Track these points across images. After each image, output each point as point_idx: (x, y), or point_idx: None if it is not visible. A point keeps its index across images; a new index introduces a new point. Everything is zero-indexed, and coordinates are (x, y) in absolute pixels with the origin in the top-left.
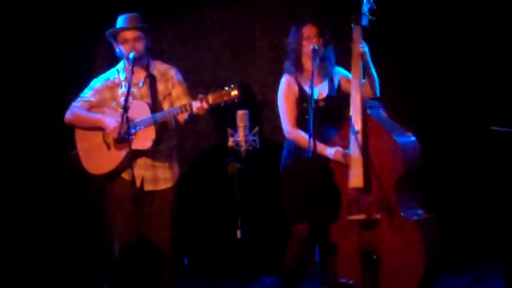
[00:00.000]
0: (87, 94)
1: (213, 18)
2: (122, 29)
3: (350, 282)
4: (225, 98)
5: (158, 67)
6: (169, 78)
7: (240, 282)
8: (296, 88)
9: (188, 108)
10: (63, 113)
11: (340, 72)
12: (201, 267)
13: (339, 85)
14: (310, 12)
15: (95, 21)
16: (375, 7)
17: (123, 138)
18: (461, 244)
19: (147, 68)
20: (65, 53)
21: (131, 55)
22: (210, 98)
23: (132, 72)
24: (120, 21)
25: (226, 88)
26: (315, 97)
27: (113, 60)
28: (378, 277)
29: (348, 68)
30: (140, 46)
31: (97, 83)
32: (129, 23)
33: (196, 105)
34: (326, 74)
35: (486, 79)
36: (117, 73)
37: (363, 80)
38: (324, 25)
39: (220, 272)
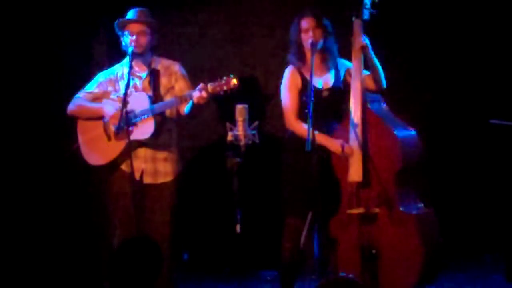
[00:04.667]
0: (91, 86)
1: (213, 13)
2: (130, 21)
3: (350, 276)
4: (225, 87)
5: (162, 62)
6: (173, 72)
7: (240, 277)
8: (299, 78)
9: (188, 98)
10: (63, 109)
11: (345, 64)
12: (201, 262)
13: (344, 78)
14: (309, 5)
15: (94, 18)
16: (376, 0)
17: (123, 128)
18: (461, 238)
19: (150, 62)
20: (64, 49)
21: (130, 49)
22: (210, 87)
23: (131, 66)
24: (130, 14)
25: (225, 77)
26: (320, 87)
27: (113, 56)
28: (378, 271)
29: (350, 61)
30: (144, 40)
31: (101, 76)
32: (137, 16)
33: (195, 94)
34: (330, 66)
35: (485, 73)
36: (121, 67)
37: (367, 73)
38: (323, 16)
39: (220, 267)
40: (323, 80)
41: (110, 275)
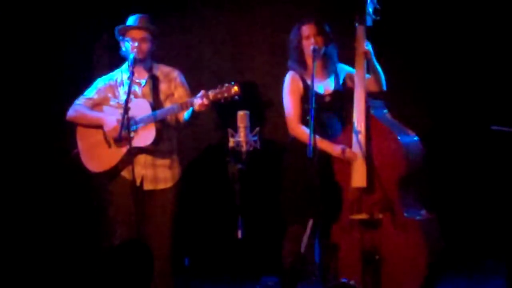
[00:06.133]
0: (90, 92)
1: (213, 18)
2: (132, 27)
3: (351, 282)
4: (226, 94)
5: (162, 69)
6: (172, 79)
7: (241, 282)
8: (300, 84)
9: (189, 105)
10: (64, 113)
11: (345, 69)
12: (202, 268)
13: (344, 82)
14: (310, 11)
15: (95, 22)
16: (379, 7)
17: (124, 135)
18: (463, 244)
19: (150, 69)
20: (65, 53)
21: (131, 56)
22: (211, 94)
23: (132, 73)
24: (131, 20)
25: (226, 85)
26: (321, 93)
27: (114, 61)
28: (380, 277)
29: (352, 67)
30: (145, 46)
31: (100, 82)
32: (139, 23)
33: (197, 101)
34: (331, 71)
35: (486, 79)
36: (121, 73)
37: (368, 76)
38: (324, 23)
39: (221, 273)
40: (324, 86)
41: (102, 274)
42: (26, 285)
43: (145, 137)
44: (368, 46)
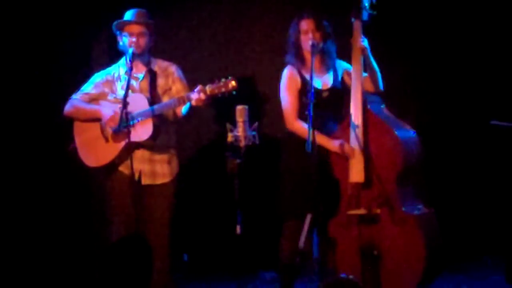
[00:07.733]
0: (87, 87)
1: (211, 13)
2: (129, 22)
3: (350, 277)
4: (223, 89)
5: (159, 64)
6: (170, 74)
7: (240, 278)
8: (298, 78)
9: (186, 100)
10: (62, 108)
11: (342, 65)
12: (201, 263)
13: (342, 78)
14: (308, 6)
15: (94, 18)
16: (375, 1)
17: (121, 130)
18: (462, 240)
19: (148, 64)
20: (64, 49)
21: (130, 50)
22: (208, 89)
23: (131, 68)
24: (128, 15)
25: (224, 79)
26: (319, 88)
27: (112, 56)
28: (379, 272)
29: (349, 62)
30: (143, 41)
31: (98, 77)
32: (137, 18)
33: (194, 96)
34: (329, 67)
35: (486, 74)
36: (118, 67)
37: (365, 74)
38: (322, 18)
39: (220, 268)
40: (322, 81)
41: (101, 270)
42: (24, 283)
43: (142, 132)
44: (364, 42)
